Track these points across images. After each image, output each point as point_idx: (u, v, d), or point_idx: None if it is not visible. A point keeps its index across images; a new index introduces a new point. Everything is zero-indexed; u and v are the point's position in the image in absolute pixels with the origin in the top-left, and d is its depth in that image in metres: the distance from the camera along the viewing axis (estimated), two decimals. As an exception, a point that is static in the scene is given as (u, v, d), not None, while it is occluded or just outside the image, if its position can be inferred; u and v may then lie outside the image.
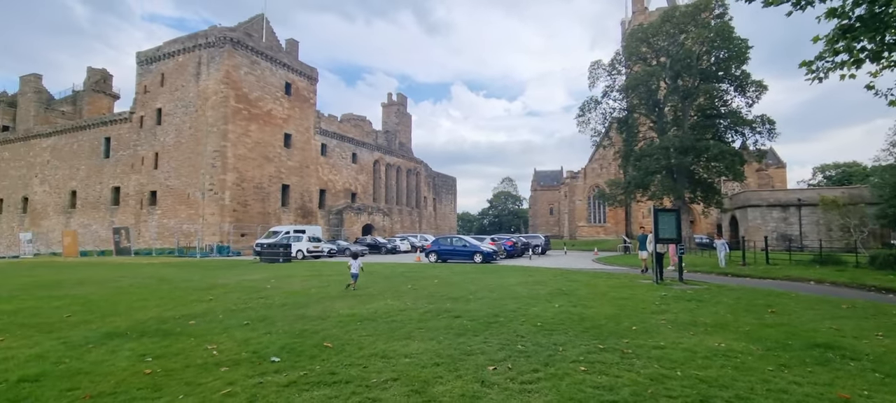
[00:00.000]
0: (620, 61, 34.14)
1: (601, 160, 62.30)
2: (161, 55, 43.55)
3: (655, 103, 32.53)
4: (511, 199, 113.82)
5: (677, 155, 28.80)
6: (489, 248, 24.03)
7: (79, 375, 4.83)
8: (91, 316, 8.36)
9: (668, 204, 32.83)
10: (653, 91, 31.52)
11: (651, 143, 32.23)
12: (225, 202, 39.06)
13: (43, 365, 5.19)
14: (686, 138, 29.08)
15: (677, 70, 29.89)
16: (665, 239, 12.14)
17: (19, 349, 5.97)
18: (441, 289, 11.53)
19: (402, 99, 73.86)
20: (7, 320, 7.97)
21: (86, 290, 12.05)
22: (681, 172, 30.54)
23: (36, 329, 7.22)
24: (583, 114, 33.97)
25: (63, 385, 4.53)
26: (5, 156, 54.58)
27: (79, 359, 5.44)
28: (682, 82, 30.81)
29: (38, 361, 5.37)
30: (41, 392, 4.33)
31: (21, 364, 5.26)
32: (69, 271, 19.11)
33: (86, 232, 45.42)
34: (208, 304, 9.57)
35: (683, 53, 29.70)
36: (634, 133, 33.69)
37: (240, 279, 14.77)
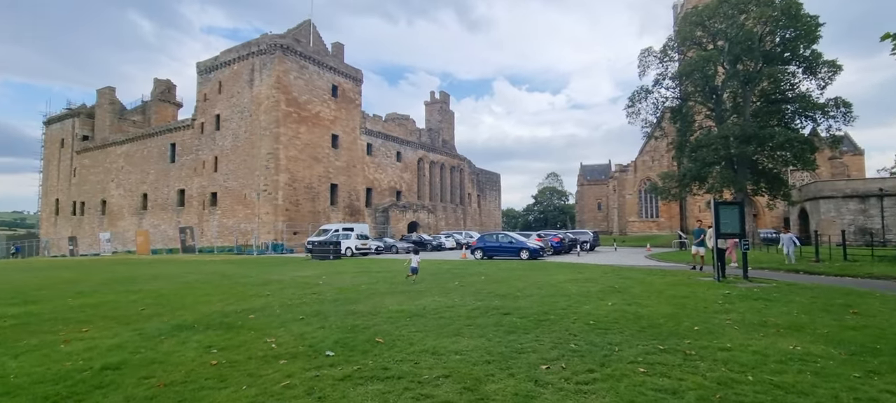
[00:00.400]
0: (673, 47, 32.40)
1: (653, 152, 59.64)
2: (218, 64, 46.14)
3: (712, 90, 30.65)
4: (556, 195, 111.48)
5: (738, 144, 27.01)
6: (535, 244, 23.62)
7: (153, 364, 5.19)
8: (162, 309, 8.98)
9: (729, 197, 30.94)
10: (709, 77, 29.69)
11: (708, 133, 30.42)
12: (278, 201, 40.87)
13: (122, 355, 5.61)
14: (748, 126, 27.21)
15: (737, 53, 27.98)
16: (727, 234, 11.39)
17: (102, 339, 6.50)
18: (488, 286, 11.45)
19: (445, 96, 74.11)
20: (92, 312, 8.72)
21: (157, 285, 12.98)
22: (742, 163, 28.63)
23: (115, 321, 7.85)
24: (632, 105, 32.61)
25: (140, 373, 4.88)
26: (86, 163, 59.91)
27: (153, 349, 5.84)
28: (743, 66, 28.83)
29: (119, 351, 5.82)
30: (122, 379, 4.68)
31: (103, 353, 5.73)
32: (142, 268, 20.69)
33: (156, 231, 49.03)
34: (266, 299, 10.02)
35: (744, 35, 27.74)
36: (689, 122, 31.92)
37: (293, 275, 15.38)
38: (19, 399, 4.17)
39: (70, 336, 6.67)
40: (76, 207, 60.66)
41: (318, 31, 48.04)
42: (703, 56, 29.00)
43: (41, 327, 7.39)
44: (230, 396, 4.17)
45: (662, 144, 56.94)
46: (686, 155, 31.70)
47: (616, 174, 66.05)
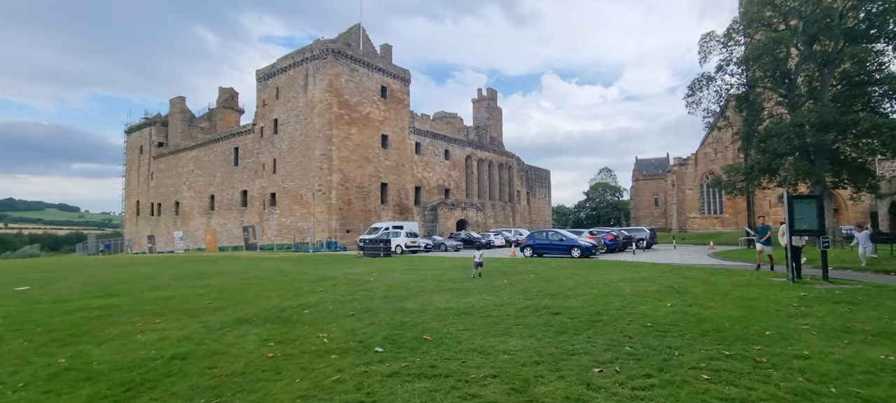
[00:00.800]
0: (738, 30, 30.06)
1: (715, 144, 55.98)
2: (275, 71, 48.51)
3: (784, 74, 28.15)
4: (610, 191, 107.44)
5: (815, 132, 24.64)
6: (587, 242, 22.86)
7: (216, 355, 5.50)
8: (225, 303, 9.54)
9: (804, 191, 28.42)
10: (780, 60, 27.27)
11: (779, 121, 28.00)
12: (331, 201, 42.36)
13: (189, 345, 6.01)
14: (827, 112, 24.74)
15: (813, 33, 25.51)
16: (804, 230, 10.41)
17: (172, 330, 7.00)
18: (538, 285, 11.20)
19: (492, 93, 73.51)
20: (164, 305, 9.43)
21: (222, 281, 13.84)
22: (820, 152, 26.11)
23: (184, 313, 8.44)
24: (693, 94, 30.61)
25: (204, 363, 5.19)
26: (161, 168, 65.14)
27: (216, 341, 6.21)
28: (820, 47, 26.24)
29: (186, 341, 6.23)
30: (188, 369, 5.00)
31: (173, 343, 6.15)
32: (209, 264, 22.17)
33: (222, 230, 52.43)
34: (320, 295, 10.38)
35: (821, 12, 25.22)
36: (757, 110, 29.50)
37: (345, 272, 15.85)
38: (100, 384, 4.56)
39: (145, 327, 7.24)
40: (154, 208, 66.14)
41: (367, 34, 49.22)
42: (774, 37, 26.68)
43: (121, 318, 8.08)
44: (284, 388, 4.33)
45: (726, 135, 53.22)
46: (754, 145, 29.35)
47: (675, 168, 62.59)
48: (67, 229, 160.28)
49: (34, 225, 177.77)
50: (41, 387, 4.53)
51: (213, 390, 4.35)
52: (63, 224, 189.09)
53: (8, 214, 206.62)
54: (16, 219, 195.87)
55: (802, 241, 11.38)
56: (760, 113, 29.76)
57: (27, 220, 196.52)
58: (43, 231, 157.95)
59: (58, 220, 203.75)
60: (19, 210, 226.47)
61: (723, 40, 29.80)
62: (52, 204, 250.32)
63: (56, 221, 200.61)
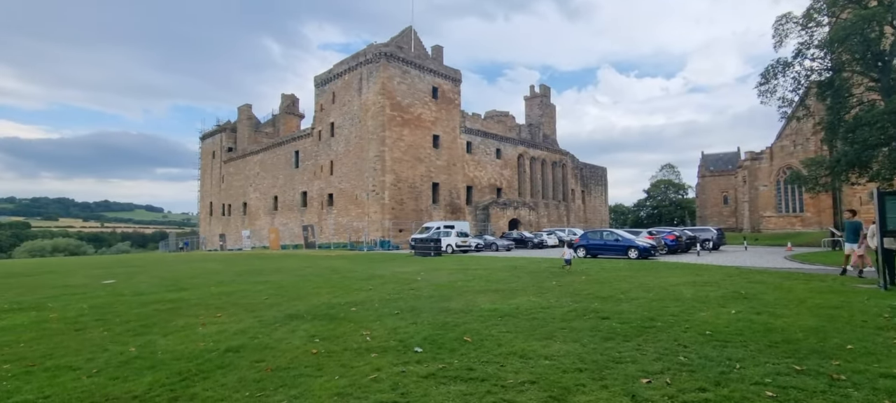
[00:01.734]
0: (820, 9, 27.21)
1: (794, 135, 51.21)
2: (331, 77, 50.49)
3: (876, 56, 25.13)
4: (672, 188, 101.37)
5: (915, 120, 21.82)
6: (646, 243, 21.68)
7: (266, 349, 5.77)
8: (280, 299, 10.02)
9: (902, 186, 25.19)
10: (872, 41, 24.35)
11: (871, 108, 25.06)
12: (385, 201, 43.40)
13: (243, 339, 6.35)
14: (930, 97, 21.83)
15: (912, 7, 22.58)
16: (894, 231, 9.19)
17: (230, 324, 7.44)
18: (588, 287, 10.76)
19: (545, 90, 71.90)
20: (226, 300, 10.07)
21: (280, 278, 14.58)
22: (922, 142, 23.08)
23: (243, 308, 8.95)
24: (766, 82, 28.10)
25: (254, 356, 5.45)
26: (231, 171, 69.96)
27: (268, 336, 6.51)
28: (921, 23, 23.19)
29: (241, 335, 6.59)
30: (239, 361, 5.28)
31: (229, 336, 6.53)
32: (271, 261, 23.47)
33: (284, 229, 55.40)
34: (368, 293, 10.62)
35: (922, -16, 22.27)
36: (844, 97, 26.58)
37: (395, 271, 16.13)
38: (161, 373, 4.92)
39: (207, 321, 7.75)
40: (224, 209, 71.20)
41: (418, 37, 49.91)
42: (864, 15, 23.88)
43: (188, 311, 8.72)
44: (323, 384, 4.44)
45: (807, 126, 48.43)
46: (840, 136, 26.49)
47: (747, 163, 57.91)
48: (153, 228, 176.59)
49: (125, 225, 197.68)
50: (112, 374, 4.97)
51: (259, 383, 4.55)
52: (149, 223, 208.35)
53: (104, 215, 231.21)
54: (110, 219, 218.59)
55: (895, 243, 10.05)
56: (848, 100, 26.82)
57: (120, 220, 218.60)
58: (133, 229, 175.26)
59: (145, 220, 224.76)
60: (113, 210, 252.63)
61: (802, 22, 27.14)
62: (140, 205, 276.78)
63: (144, 221, 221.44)
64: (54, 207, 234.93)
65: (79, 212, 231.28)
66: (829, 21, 27.58)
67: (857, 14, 24.58)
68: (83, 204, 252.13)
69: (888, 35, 24.87)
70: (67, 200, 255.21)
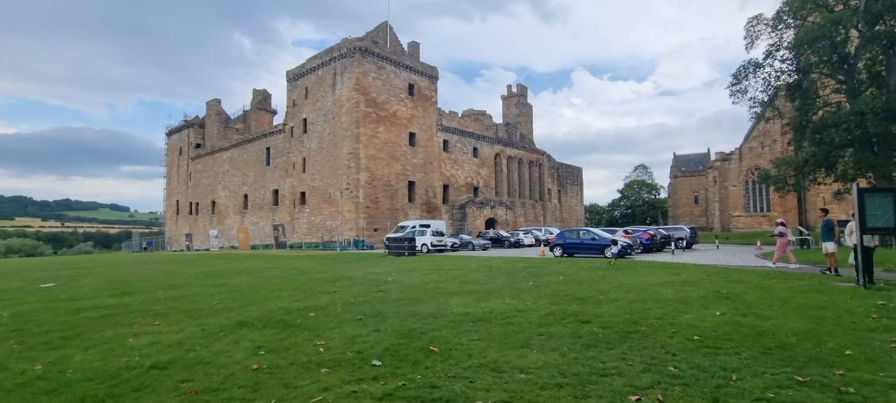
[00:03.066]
0: (789, 12, 27.77)
1: (762, 137, 52.66)
2: (304, 71, 49.01)
3: (843, 59, 25.76)
4: (646, 188, 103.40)
5: (879, 121, 22.36)
6: (622, 241, 21.51)
7: (198, 365, 4.96)
8: (234, 303, 9.14)
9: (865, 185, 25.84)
10: (838, 44, 24.94)
11: (837, 110, 25.67)
12: (359, 199, 42.34)
13: (177, 352, 5.51)
14: (893, 98, 22.41)
15: (878, 11, 23.15)
16: (878, 228, 9.02)
17: (168, 333, 6.56)
18: (566, 288, 10.26)
19: (523, 89, 71.99)
20: (172, 305, 9.12)
21: (240, 280, 13.59)
22: (885, 143, 23.73)
23: (188, 314, 8.05)
24: (738, 82, 28.52)
25: (182, 375, 4.65)
26: (198, 168, 67.33)
27: (207, 348, 5.69)
28: (885, 26, 23.84)
29: (176, 348, 5.75)
30: (162, 382, 4.47)
31: (161, 349, 5.68)
32: (236, 262, 22.27)
33: (255, 228, 53.55)
34: (332, 296, 9.84)
35: (886, -12, 22.85)
36: (812, 99, 27.21)
37: (365, 272, 15.34)
38: (61, 398, 4.08)
39: (142, 330, 6.85)
40: (192, 207, 68.46)
41: (394, 33, 48.98)
42: (831, 18, 24.41)
43: (123, 319, 7.77)
44: (256, 411, 3.70)
45: (774, 128, 49.88)
46: (807, 137, 27.09)
47: (717, 163, 59.28)
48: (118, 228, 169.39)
49: (88, 224, 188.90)
50: (1, 399, 4.10)
51: (178, 410, 3.77)
52: (114, 222, 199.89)
53: (65, 214, 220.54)
54: (72, 218, 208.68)
55: (875, 241, 9.95)
56: (815, 101, 27.48)
57: (82, 219, 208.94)
58: (96, 229, 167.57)
59: (110, 219, 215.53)
60: (75, 209, 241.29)
61: (772, 23, 27.62)
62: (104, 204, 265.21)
63: (108, 220, 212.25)
64: (9, 206, 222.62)
65: (37, 212, 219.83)
66: (797, 23, 28.18)
67: (825, 17, 25.12)
68: (42, 203, 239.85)
69: (854, 38, 25.52)
70: (25, 198, 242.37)
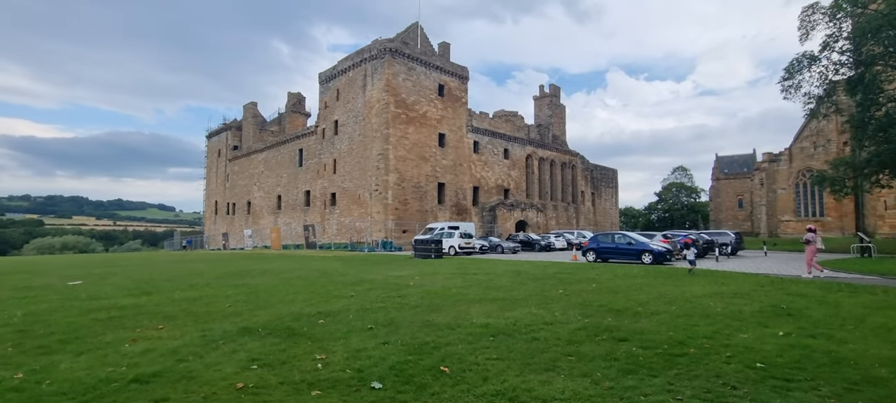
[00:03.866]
0: (849, 0, 25.50)
1: (814, 137, 49.11)
2: (336, 73, 49.47)
3: (912, 49, 23.38)
4: (685, 191, 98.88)
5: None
6: (661, 247, 20.15)
7: (182, 381, 4.50)
8: (246, 307, 8.78)
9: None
10: (907, 32, 22.65)
11: (906, 105, 23.33)
12: (388, 201, 42.20)
13: (167, 362, 5.09)
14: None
15: (954, -5, 20.82)
16: None
17: (166, 340, 6.19)
18: (600, 297, 9.36)
19: (555, 90, 70.26)
20: (185, 307, 8.85)
21: (260, 281, 13.37)
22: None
23: (196, 318, 7.72)
24: (790, 77, 26.43)
25: (159, 393, 4.18)
26: (235, 170, 69.35)
27: (200, 359, 5.25)
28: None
29: (168, 357, 5.34)
30: (135, 399, 4.01)
31: (153, 358, 5.28)
32: (263, 262, 22.35)
33: (287, 228, 54.48)
34: (347, 301, 9.34)
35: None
36: (874, 94, 24.86)
37: (388, 275, 14.85)
38: (22, 417, 3.68)
39: (143, 335, 6.52)
40: (229, 207, 70.56)
41: (425, 33, 48.70)
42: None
43: (130, 321, 7.50)
44: (226, 444, 3.15)
45: (829, 126, 46.38)
46: (869, 135, 24.79)
47: (764, 165, 55.74)
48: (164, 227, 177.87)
49: (137, 223, 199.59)
50: (-36, 414, 3.75)
51: (140, 438, 3.27)
52: (161, 221, 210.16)
53: (117, 213, 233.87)
54: (123, 217, 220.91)
55: None
56: (879, 97, 25.08)
57: (132, 218, 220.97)
58: (144, 228, 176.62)
59: (157, 219, 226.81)
60: (126, 209, 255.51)
61: (829, 12, 25.43)
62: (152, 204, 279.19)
63: (155, 219, 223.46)
64: (68, 205, 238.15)
65: (92, 211, 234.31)
66: (857, 12, 25.82)
67: (891, 4, 22.87)
68: (97, 203, 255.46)
69: (926, 25, 23.12)
70: (81, 198, 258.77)
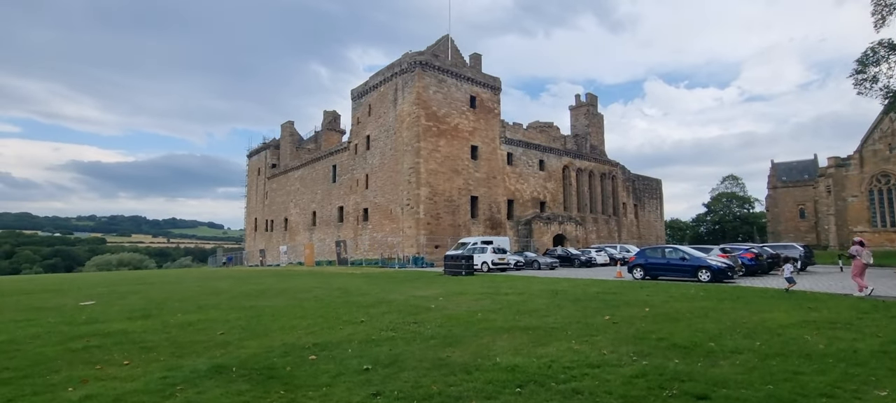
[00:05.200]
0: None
1: (889, 138, 44.29)
2: (367, 89, 49.47)
3: None
4: (736, 202, 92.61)
5: None
6: (720, 262, 17.80)
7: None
8: (238, 336, 7.70)
9: None
10: None
11: None
12: (419, 215, 41.19)
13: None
14: None
15: None
16: None
17: (120, 382, 5.12)
18: (658, 327, 7.66)
19: (592, 99, 67.62)
20: (172, 335, 7.87)
21: (272, 302, 12.40)
22: None
23: (175, 349, 6.68)
24: (863, 70, 23.49)
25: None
26: (273, 187, 70.79)
27: (139, 412, 4.10)
28: None
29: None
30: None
31: (83, 411, 4.18)
32: (288, 279, 21.66)
33: (322, 244, 54.53)
34: (354, 328, 8.10)
35: None
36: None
37: (410, 295, 13.55)
38: None
39: (100, 374, 5.49)
40: (268, 224, 71.96)
41: (455, 45, 48.01)
42: None
43: (100, 354, 6.54)
44: None
45: (907, 126, 41.59)
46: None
47: (830, 170, 50.79)
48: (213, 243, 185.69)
49: (189, 241, 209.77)
50: None
51: None
52: (210, 239, 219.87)
53: (171, 231, 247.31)
54: (176, 235, 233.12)
55: None
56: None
57: (185, 236, 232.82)
58: (195, 245, 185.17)
59: (207, 236, 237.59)
60: (179, 227, 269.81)
61: (911, -6, 22.43)
62: (203, 222, 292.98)
63: (206, 237, 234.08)
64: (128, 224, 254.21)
65: (149, 229, 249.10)
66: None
67: None
68: (154, 222, 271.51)
69: None
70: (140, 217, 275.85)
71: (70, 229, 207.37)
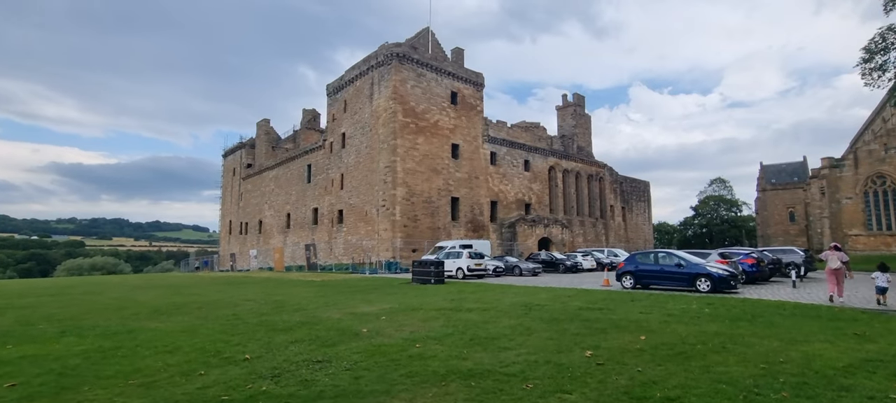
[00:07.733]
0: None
1: (885, 137, 43.01)
2: (343, 84, 46.83)
3: None
4: (724, 205, 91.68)
5: None
6: (721, 270, 15.58)
7: None
8: (60, 383, 5.11)
9: None
10: None
11: None
12: (396, 217, 38.63)
13: None
14: None
15: None
16: None
17: None
18: (658, 370, 5.27)
19: (580, 99, 65.77)
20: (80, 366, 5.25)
21: (165, 324, 9.78)
22: None
23: None
24: (870, 59, 21.65)
25: None
26: (248, 188, 67.59)
27: None
28: None
29: None
30: None
31: None
32: (231, 288, 18.98)
33: (295, 248, 51.61)
34: (221, 373, 5.58)
35: None
36: None
37: (354, 310, 11.04)
38: None
39: None
40: (242, 227, 68.68)
41: (436, 38, 45.62)
42: None
43: None
44: None
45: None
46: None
47: (823, 171, 49.35)
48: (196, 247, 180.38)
49: (172, 244, 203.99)
50: None
51: None
52: (194, 242, 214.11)
53: (154, 234, 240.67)
54: (159, 238, 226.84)
55: None
56: None
57: (168, 239, 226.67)
58: (177, 248, 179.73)
59: (191, 239, 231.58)
60: (163, 230, 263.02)
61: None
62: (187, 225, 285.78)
63: (189, 240, 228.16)
64: (110, 227, 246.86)
65: (132, 232, 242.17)
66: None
67: None
68: (136, 224, 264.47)
69: None
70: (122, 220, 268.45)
71: (49, 232, 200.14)
